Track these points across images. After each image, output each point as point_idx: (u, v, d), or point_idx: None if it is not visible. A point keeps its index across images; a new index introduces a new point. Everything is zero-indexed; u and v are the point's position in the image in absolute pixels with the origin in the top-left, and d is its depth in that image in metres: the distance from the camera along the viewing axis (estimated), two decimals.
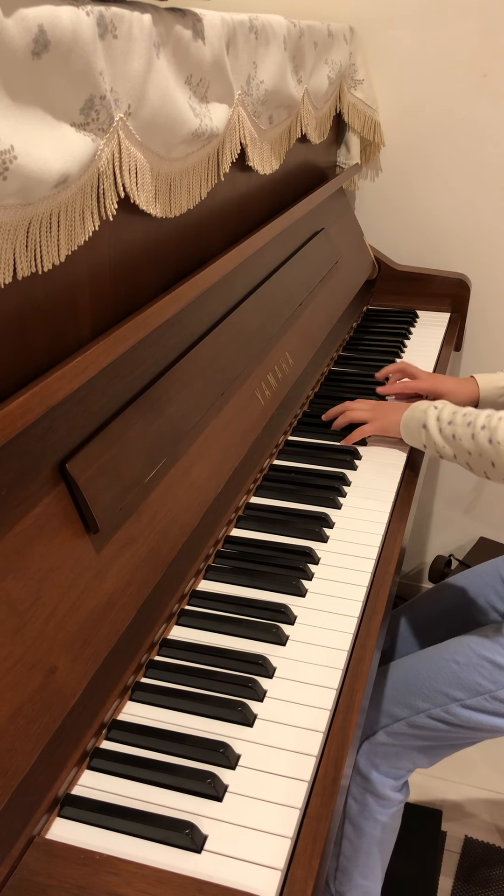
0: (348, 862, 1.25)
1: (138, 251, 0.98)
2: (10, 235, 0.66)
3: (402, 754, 1.20)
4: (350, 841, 1.24)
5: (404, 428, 1.29)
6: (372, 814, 1.22)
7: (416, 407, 1.27)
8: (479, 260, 1.98)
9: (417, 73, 1.85)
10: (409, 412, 1.28)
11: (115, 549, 0.84)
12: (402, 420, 1.29)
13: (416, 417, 1.26)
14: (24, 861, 0.66)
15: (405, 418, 1.28)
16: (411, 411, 1.28)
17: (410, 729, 1.17)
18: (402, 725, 1.18)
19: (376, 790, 1.21)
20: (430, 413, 1.23)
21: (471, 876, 1.57)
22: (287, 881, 0.67)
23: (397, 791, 1.23)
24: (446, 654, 1.18)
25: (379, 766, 1.21)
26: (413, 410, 1.28)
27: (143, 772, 0.75)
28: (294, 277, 1.47)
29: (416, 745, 1.19)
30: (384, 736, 1.19)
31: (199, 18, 0.95)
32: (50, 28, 0.64)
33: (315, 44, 1.48)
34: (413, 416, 1.27)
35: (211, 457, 1.05)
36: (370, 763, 1.21)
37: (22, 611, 0.71)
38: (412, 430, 1.27)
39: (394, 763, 1.21)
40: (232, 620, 0.95)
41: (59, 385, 0.76)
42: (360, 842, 1.23)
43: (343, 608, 0.98)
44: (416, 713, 1.16)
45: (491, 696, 1.13)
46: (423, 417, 1.23)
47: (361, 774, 1.21)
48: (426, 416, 1.23)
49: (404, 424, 1.29)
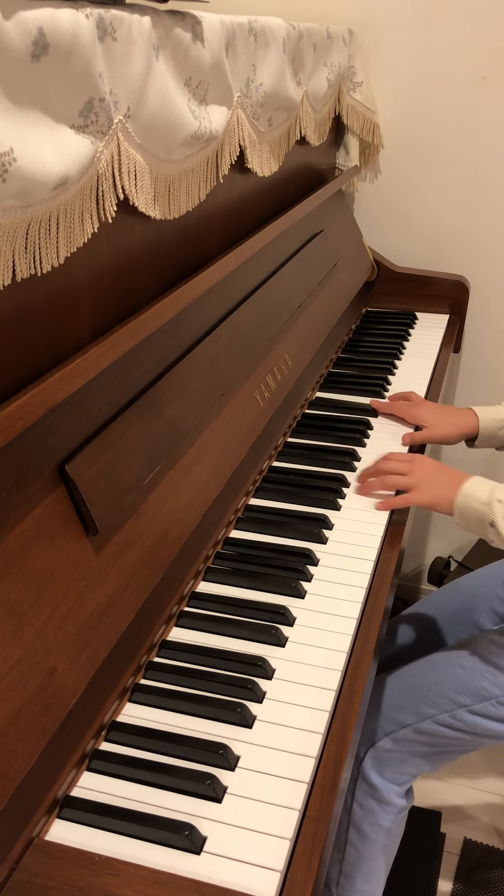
0: (352, 867, 1.25)
1: (137, 253, 0.98)
2: (10, 237, 0.66)
3: (408, 760, 1.20)
4: (354, 846, 1.24)
5: (462, 516, 1.14)
6: (376, 819, 1.22)
7: (473, 496, 1.13)
8: (477, 262, 1.98)
9: (416, 75, 1.85)
10: (465, 500, 1.13)
11: (114, 550, 0.84)
12: (458, 506, 1.14)
13: (476, 510, 1.12)
14: (23, 862, 0.66)
15: (461, 505, 1.14)
16: (466, 500, 1.13)
17: (416, 735, 1.17)
18: (408, 731, 1.17)
19: (381, 796, 1.20)
20: (497, 510, 1.09)
21: (470, 877, 1.56)
22: (286, 882, 0.67)
23: (402, 797, 1.23)
24: (452, 660, 1.18)
25: (384, 772, 1.20)
26: (469, 500, 1.13)
27: (143, 773, 0.75)
28: (293, 279, 1.47)
29: (422, 750, 1.19)
30: (389, 742, 1.19)
31: (198, 21, 0.95)
32: (49, 30, 0.65)
33: (314, 46, 1.48)
34: (471, 507, 1.12)
35: (210, 458, 1.05)
36: (375, 769, 1.20)
37: (21, 612, 0.71)
38: (472, 521, 1.13)
39: (399, 769, 1.21)
40: (231, 622, 0.95)
41: (58, 387, 0.76)
42: (365, 847, 1.23)
43: (342, 610, 0.98)
44: (423, 719, 1.16)
45: (497, 701, 1.13)
46: (488, 514, 1.10)
47: (366, 780, 1.21)
48: (493, 513, 1.09)
49: (461, 513, 1.14)
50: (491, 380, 2.08)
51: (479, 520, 1.11)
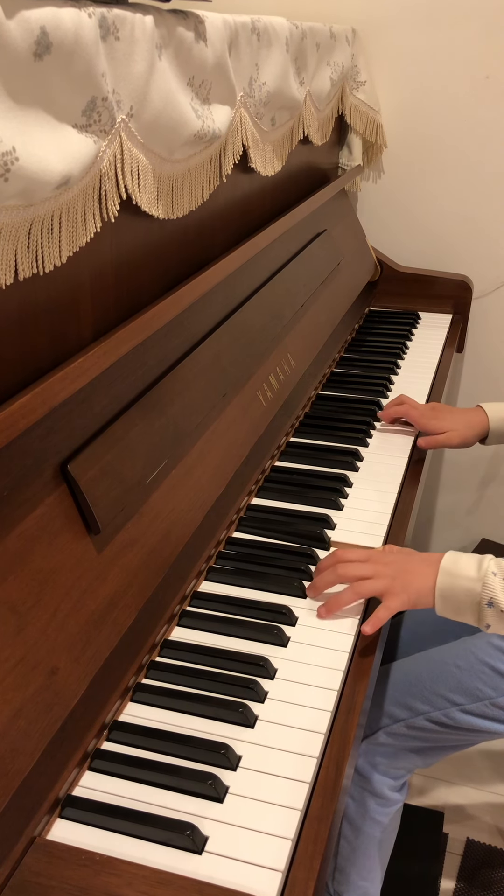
0: (346, 862, 1.25)
1: (140, 252, 0.98)
2: (12, 237, 0.66)
3: (401, 755, 1.21)
4: (348, 841, 1.24)
5: (448, 600, 0.96)
6: (371, 814, 1.22)
7: (458, 574, 0.95)
8: (481, 261, 1.98)
9: (419, 74, 1.85)
10: (449, 581, 0.96)
11: (116, 550, 0.84)
12: (441, 590, 0.96)
13: (466, 590, 0.95)
14: (24, 862, 0.66)
15: (445, 587, 0.96)
16: (451, 580, 0.96)
17: (409, 730, 1.17)
18: (402, 727, 1.18)
19: (375, 790, 1.21)
20: (494, 584, 0.93)
21: (473, 878, 1.56)
22: (288, 883, 0.67)
23: (396, 791, 1.23)
24: (448, 658, 1.18)
25: (378, 766, 1.21)
26: (454, 579, 0.95)
27: (144, 773, 0.75)
28: (296, 279, 1.47)
29: (414, 745, 1.20)
30: (384, 736, 1.19)
31: (201, 20, 0.95)
32: (52, 30, 0.65)
33: (317, 45, 1.48)
34: (459, 588, 0.95)
35: (212, 458, 1.05)
36: (369, 763, 1.21)
37: (23, 612, 0.71)
38: (461, 604, 0.96)
39: (392, 763, 1.21)
40: (233, 622, 0.95)
41: (60, 386, 0.76)
42: (358, 842, 1.23)
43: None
44: (416, 715, 1.16)
45: (491, 702, 1.13)
46: (481, 591, 0.94)
47: (360, 774, 1.21)
48: (490, 589, 0.93)
49: (447, 596, 0.96)
50: (494, 380, 2.08)
51: (472, 602, 0.95)
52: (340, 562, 1.00)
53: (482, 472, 2.18)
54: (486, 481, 2.19)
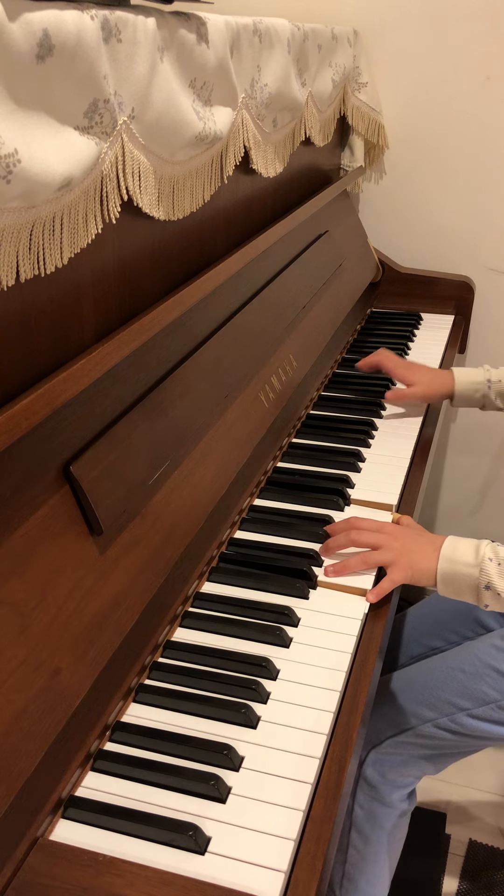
0: (354, 869, 1.25)
1: (142, 254, 0.98)
2: (14, 238, 0.67)
3: (410, 763, 1.20)
4: (356, 849, 1.24)
5: (449, 585, 1.02)
6: (379, 822, 1.22)
7: (458, 560, 1.01)
8: (483, 262, 1.98)
9: (421, 75, 1.85)
10: (449, 566, 1.01)
11: (119, 550, 0.84)
12: (442, 574, 1.02)
13: (465, 575, 1.00)
14: (27, 863, 0.66)
15: (446, 572, 1.01)
16: (451, 566, 1.01)
17: (417, 738, 1.17)
18: (409, 735, 1.17)
19: (383, 798, 1.20)
20: (490, 570, 0.98)
21: (475, 879, 1.56)
22: (290, 883, 0.67)
23: (404, 799, 1.22)
24: (453, 664, 1.18)
25: (386, 775, 1.20)
26: (454, 565, 1.01)
27: (147, 773, 0.75)
28: (298, 280, 1.47)
29: (423, 753, 1.19)
30: (391, 745, 1.19)
31: (202, 22, 0.95)
32: (54, 32, 0.65)
33: (319, 47, 1.48)
34: (458, 573, 1.01)
35: (215, 459, 1.06)
36: (377, 772, 1.20)
37: (26, 612, 0.71)
38: (462, 588, 1.01)
39: (401, 771, 1.21)
40: (236, 622, 0.95)
41: (63, 387, 0.76)
42: (367, 850, 1.23)
43: (347, 610, 0.98)
44: (423, 723, 1.16)
45: (497, 705, 1.12)
46: (480, 576, 0.99)
47: (369, 783, 1.21)
48: (487, 574, 0.99)
49: (448, 581, 1.02)
50: None
51: (471, 585, 1.00)
52: (354, 528, 1.06)
53: (484, 475, 2.18)
54: (488, 483, 2.19)
